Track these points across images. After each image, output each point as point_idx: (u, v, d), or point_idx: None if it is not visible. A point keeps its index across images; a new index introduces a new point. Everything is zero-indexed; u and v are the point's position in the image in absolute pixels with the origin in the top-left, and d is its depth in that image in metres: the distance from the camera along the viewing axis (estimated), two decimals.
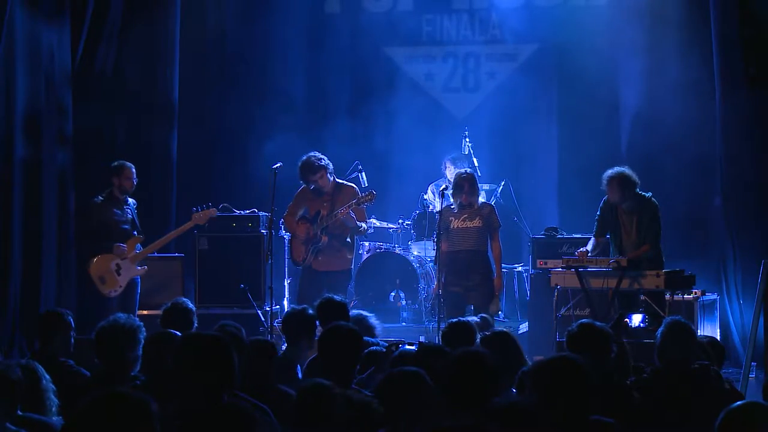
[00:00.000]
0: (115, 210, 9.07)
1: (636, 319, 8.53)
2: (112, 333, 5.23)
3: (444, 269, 8.70)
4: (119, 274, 8.98)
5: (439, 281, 8.77)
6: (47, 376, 4.69)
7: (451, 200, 8.91)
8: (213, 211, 9.54)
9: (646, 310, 8.53)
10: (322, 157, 9.06)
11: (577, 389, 3.95)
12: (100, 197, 9.14)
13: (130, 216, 9.15)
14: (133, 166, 9.16)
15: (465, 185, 8.75)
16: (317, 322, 6.31)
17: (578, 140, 11.38)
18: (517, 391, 5.08)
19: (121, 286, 8.98)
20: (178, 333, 5.29)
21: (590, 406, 4.04)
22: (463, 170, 9.07)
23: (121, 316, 5.41)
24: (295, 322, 6.23)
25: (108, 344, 5.21)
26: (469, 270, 8.65)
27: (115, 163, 9.18)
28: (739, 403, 3.32)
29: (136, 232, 9.14)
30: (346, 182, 9.38)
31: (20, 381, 4.23)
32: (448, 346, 6.19)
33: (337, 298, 6.68)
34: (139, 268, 9.10)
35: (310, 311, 6.37)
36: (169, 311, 6.35)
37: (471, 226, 8.71)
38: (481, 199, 9.15)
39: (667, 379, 5.18)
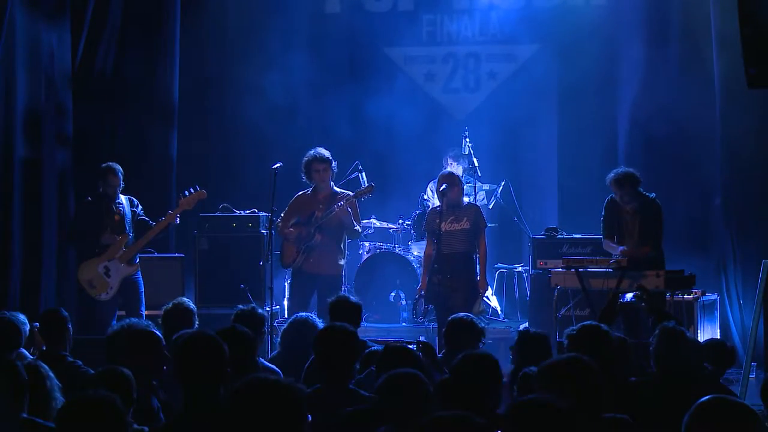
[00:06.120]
0: (103, 210, 8.91)
1: (628, 295, 8.45)
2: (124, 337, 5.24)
3: (431, 270, 8.70)
4: (108, 276, 8.85)
5: (424, 282, 8.81)
6: (52, 376, 4.68)
7: (436, 201, 8.95)
8: (202, 194, 9.09)
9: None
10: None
11: (587, 387, 3.96)
12: (89, 197, 9.11)
13: (121, 215, 8.93)
14: (119, 169, 8.90)
15: (458, 182, 8.88)
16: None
17: (578, 140, 11.37)
18: (519, 394, 5.08)
19: (111, 288, 8.83)
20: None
21: (602, 404, 4.04)
22: (447, 170, 9.25)
23: (134, 320, 5.43)
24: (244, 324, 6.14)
25: (118, 347, 5.22)
26: (456, 271, 8.67)
27: (103, 165, 8.99)
28: (707, 397, 3.30)
29: (129, 231, 8.94)
30: (343, 190, 9.37)
31: (25, 381, 4.22)
32: (450, 344, 6.23)
33: (353, 299, 6.66)
34: (128, 266, 8.90)
35: (260, 311, 6.38)
36: (171, 311, 6.34)
37: (459, 228, 8.75)
38: (467, 199, 9.22)
39: (665, 382, 5.19)
